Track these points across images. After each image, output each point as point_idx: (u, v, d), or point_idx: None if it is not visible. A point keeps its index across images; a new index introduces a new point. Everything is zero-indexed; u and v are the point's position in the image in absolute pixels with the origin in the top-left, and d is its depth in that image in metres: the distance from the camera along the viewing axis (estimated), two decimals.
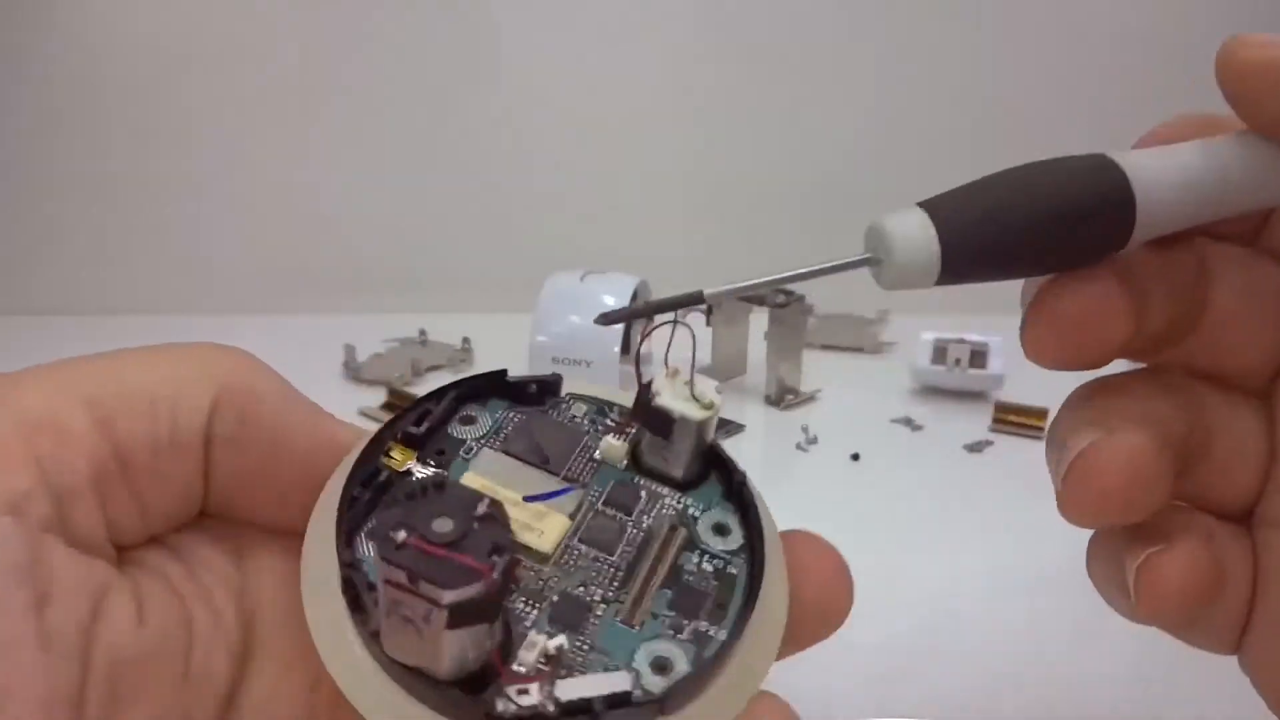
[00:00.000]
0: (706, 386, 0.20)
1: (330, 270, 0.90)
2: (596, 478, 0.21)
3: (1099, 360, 0.20)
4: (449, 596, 0.15)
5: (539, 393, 0.22)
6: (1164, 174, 0.19)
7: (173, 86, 0.86)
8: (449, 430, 0.21)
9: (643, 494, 0.20)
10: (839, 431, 0.66)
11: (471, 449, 0.20)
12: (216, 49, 0.85)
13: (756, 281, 0.18)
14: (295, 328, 0.76)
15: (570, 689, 0.17)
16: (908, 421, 0.68)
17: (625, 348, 0.65)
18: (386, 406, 0.67)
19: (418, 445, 0.20)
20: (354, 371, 0.74)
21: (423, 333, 0.80)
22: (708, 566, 0.19)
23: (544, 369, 0.24)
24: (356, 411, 0.67)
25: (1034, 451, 0.66)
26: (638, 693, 0.17)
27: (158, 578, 0.18)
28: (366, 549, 0.18)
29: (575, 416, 0.22)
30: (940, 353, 0.70)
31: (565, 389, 0.22)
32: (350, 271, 0.90)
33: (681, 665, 0.18)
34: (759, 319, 0.72)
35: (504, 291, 0.73)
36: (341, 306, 0.85)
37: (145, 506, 0.18)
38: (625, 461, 0.21)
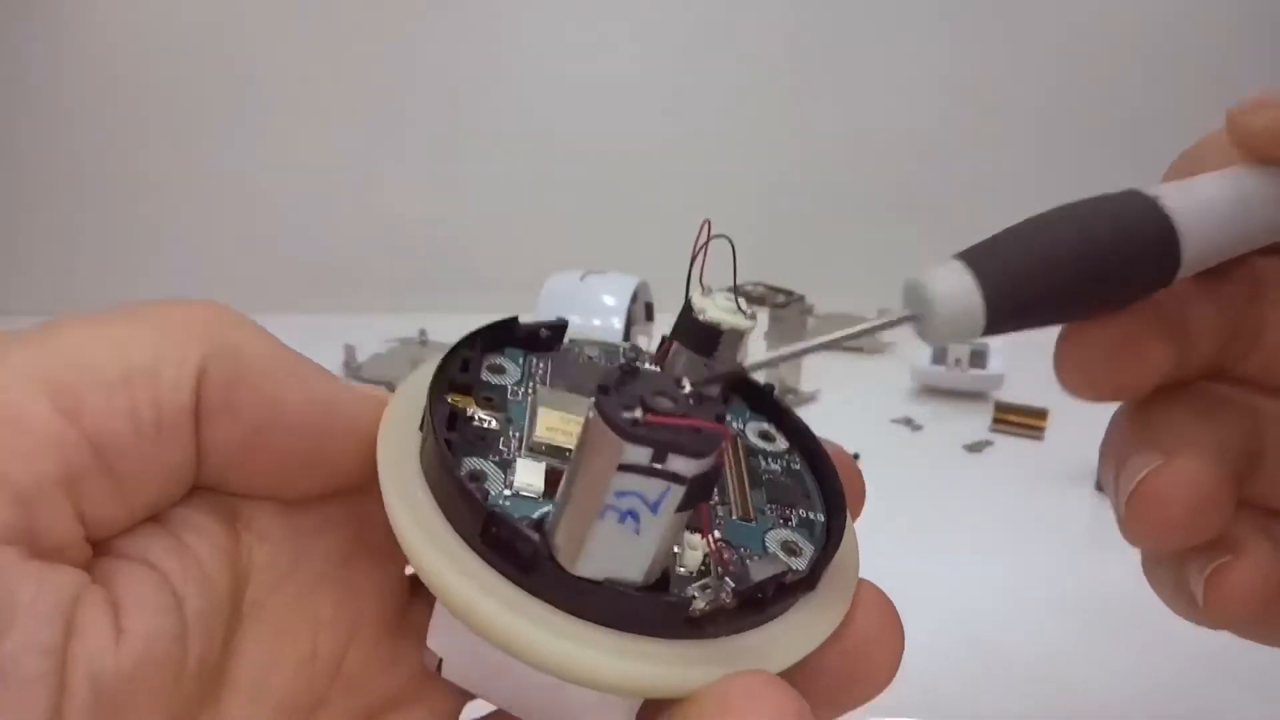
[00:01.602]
0: (735, 301, 0.20)
1: (330, 270, 0.90)
2: None
3: (1139, 391, 0.20)
4: (701, 465, 0.15)
5: (551, 337, 0.22)
6: (1204, 207, 0.18)
7: (172, 86, 0.86)
8: (484, 378, 0.20)
9: None
10: (839, 432, 0.65)
11: (516, 392, 0.20)
12: (216, 49, 0.85)
13: (795, 349, 0.18)
14: (295, 327, 0.75)
15: (740, 579, 0.17)
16: (908, 421, 0.68)
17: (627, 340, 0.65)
18: None
19: (470, 391, 0.20)
20: (354, 371, 0.74)
21: (423, 333, 0.80)
22: (775, 465, 0.21)
23: None
24: None
25: (1034, 451, 0.66)
26: (790, 573, 0.18)
27: (138, 566, 0.16)
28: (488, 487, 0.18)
29: (591, 357, 0.22)
30: (940, 353, 0.70)
31: (568, 338, 0.22)
32: (350, 271, 0.90)
33: (806, 546, 0.19)
34: (759, 319, 0.72)
35: (504, 291, 0.73)
36: (341, 306, 0.85)
37: (128, 495, 0.16)
38: None
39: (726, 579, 0.17)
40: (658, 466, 0.14)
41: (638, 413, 0.14)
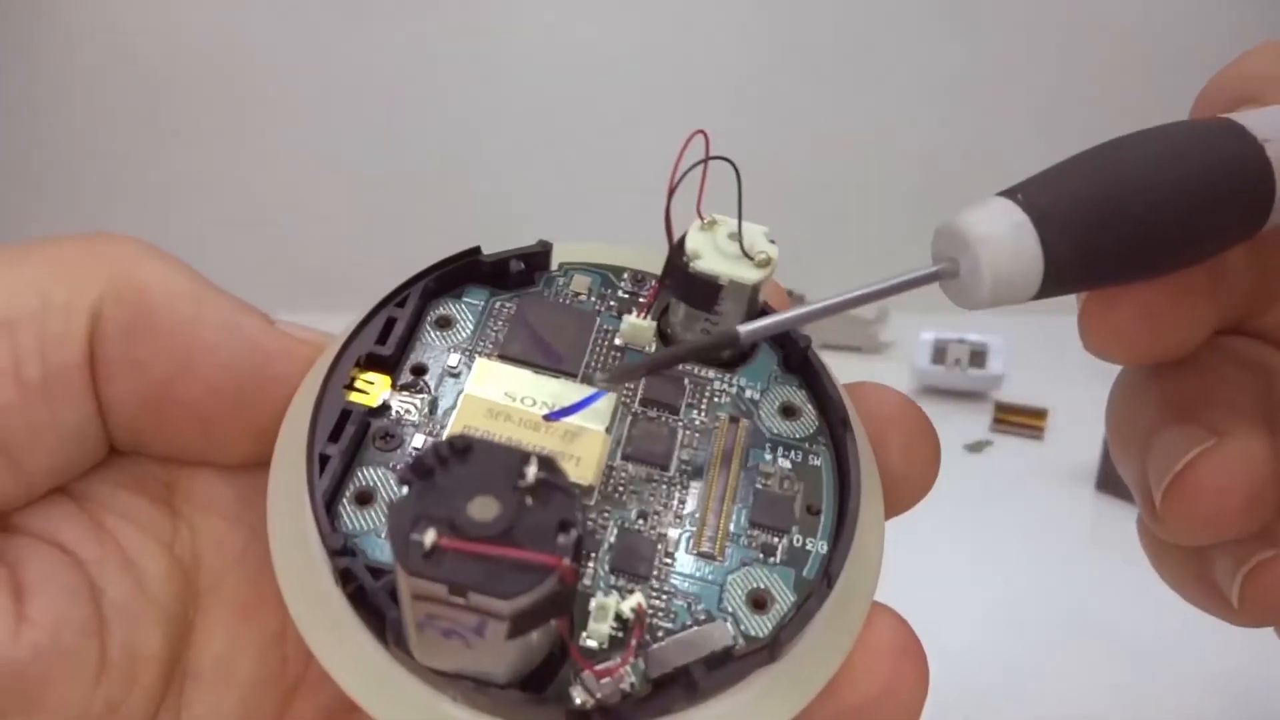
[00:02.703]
0: (755, 234, 0.16)
1: (330, 270, 0.90)
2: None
3: (1181, 353, 0.17)
4: (516, 605, 0.11)
5: (526, 270, 0.17)
6: None
7: (171, 85, 0.86)
8: (423, 338, 0.16)
9: (686, 382, 0.16)
10: None
11: (459, 362, 0.16)
12: (213, 48, 0.85)
13: (796, 314, 0.14)
14: None
15: (660, 659, 0.13)
16: None
17: None
18: None
19: (390, 369, 0.16)
20: None
21: None
22: (784, 463, 0.16)
23: None
24: None
25: (1034, 451, 0.66)
26: (739, 643, 0.14)
27: (47, 548, 0.14)
28: (355, 518, 0.14)
29: (577, 294, 0.17)
30: (940, 353, 0.70)
31: (555, 259, 0.17)
32: (350, 271, 0.90)
33: (783, 596, 0.14)
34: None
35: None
36: (341, 305, 0.85)
37: (19, 462, 0.14)
38: (655, 343, 0.17)
39: (638, 661, 0.13)
40: (459, 601, 0.11)
41: (430, 536, 0.11)
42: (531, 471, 0.11)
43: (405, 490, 0.11)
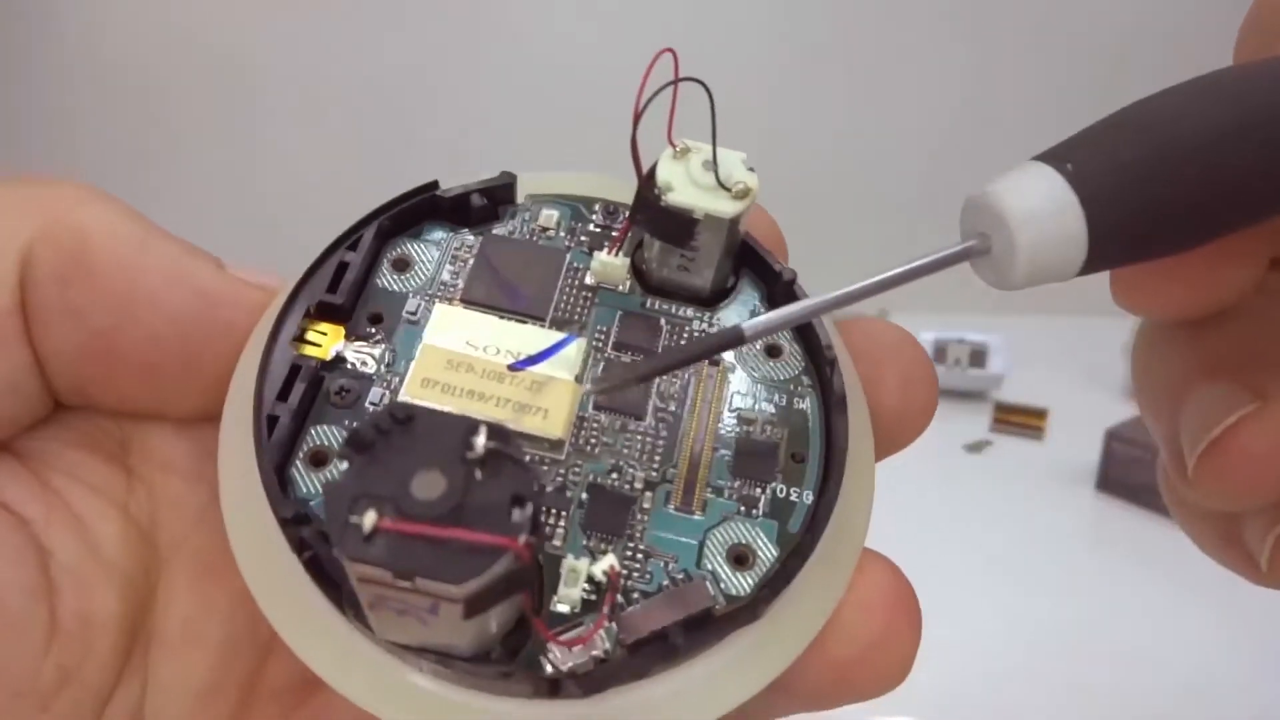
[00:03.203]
0: (732, 162, 0.14)
1: (294, 242, 0.89)
2: (595, 313, 0.15)
3: (1225, 305, 0.15)
4: (466, 589, 0.10)
5: (489, 205, 0.16)
6: None
7: (170, 84, 0.85)
8: (378, 282, 0.15)
9: (663, 323, 0.15)
10: None
11: (418, 308, 0.15)
12: (211, 43, 0.85)
13: (807, 305, 0.13)
14: None
15: (634, 624, 0.12)
16: None
17: None
18: None
19: (343, 318, 0.14)
20: None
21: None
22: (766, 407, 0.15)
23: None
24: None
25: (1034, 451, 0.66)
26: (720, 603, 0.13)
27: None
28: (308, 481, 0.13)
29: (545, 229, 0.16)
30: (940, 352, 0.70)
31: (521, 191, 0.16)
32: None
33: (765, 552, 0.13)
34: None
35: None
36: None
37: None
38: (629, 282, 0.16)
39: (612, 625, 0.12)
40: (404, 585, 0.10)
41: (370, 518, 0.10)
42: (480, 442, 0.10)
43: (344, 466, 0.10)
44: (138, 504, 0.15)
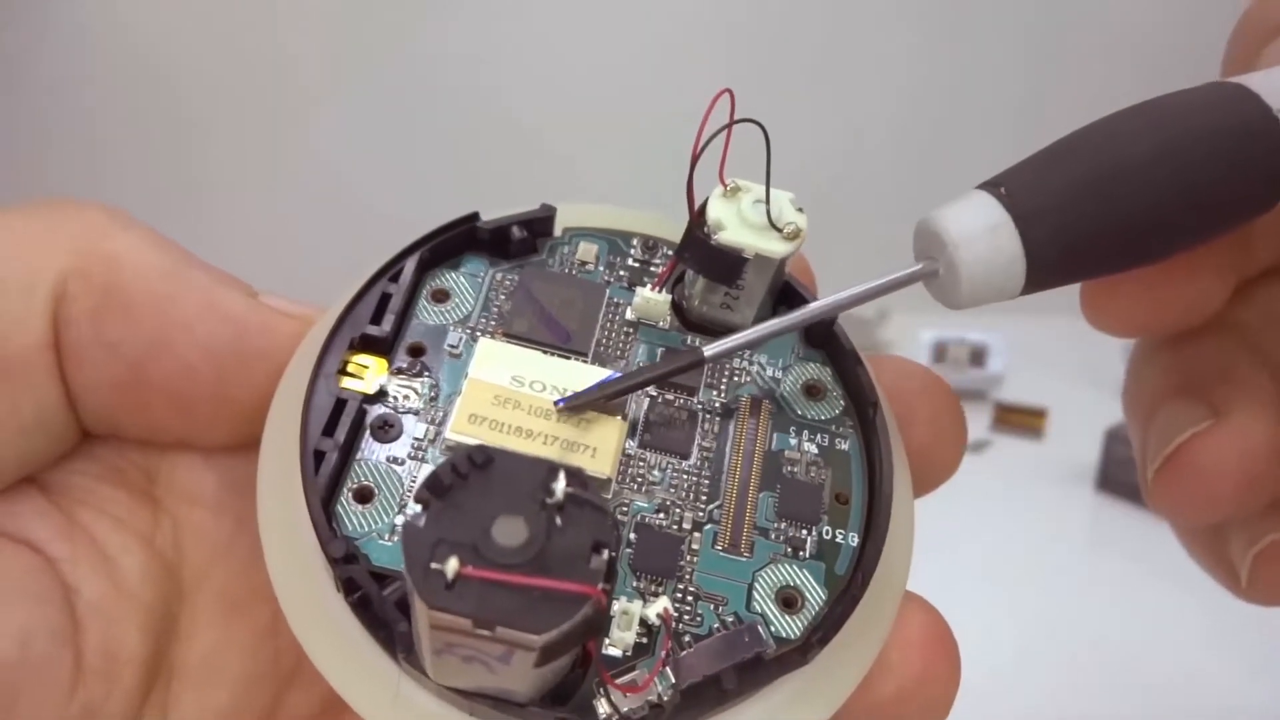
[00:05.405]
0: (782, 202, 0.14)
1: (328, 268, 0.90)
2: (637, 348, 0.15)
3: (1190, 325, 0.16)
4: (546, 638, 0.10)
5: (529, 237, 0.16)
6: None
7: (170, 83, 0.85)
8: (419, 314, 0.15)
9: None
10: None
11: (459, 340, 0.15)
12: (216, 42, 0.85)
13: (761, 331, 0.13)
14: None
15: (688, 667, 0.12)
16: None
17: None
18: None
19: (385, 350, 0.14)
20: None
21: None
22: (810, 447, 0.15)
23: None
24: None
25: (1034, 451, 0.66)
26: (770, 647, 0.13)
27: (17, 548, 0.13)
28: (354, 519, 0.13)
29: (584, 262, 0.16)
30: (940, 352, 0.70)
31: (560, 224, 0.16)
32: (347, 271, 0.89)
33: (814, 594, 0.13)
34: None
35: None
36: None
37: None
38: (669, 318, 0.16)
39: (666, 670, 0.12)
40: (484, 634, 0.10)
41: (452, 564, 0.10)
42: (560, 487, 0.10)
43: (420, 510, 0.10)
44: (163, 537, 0.15)
